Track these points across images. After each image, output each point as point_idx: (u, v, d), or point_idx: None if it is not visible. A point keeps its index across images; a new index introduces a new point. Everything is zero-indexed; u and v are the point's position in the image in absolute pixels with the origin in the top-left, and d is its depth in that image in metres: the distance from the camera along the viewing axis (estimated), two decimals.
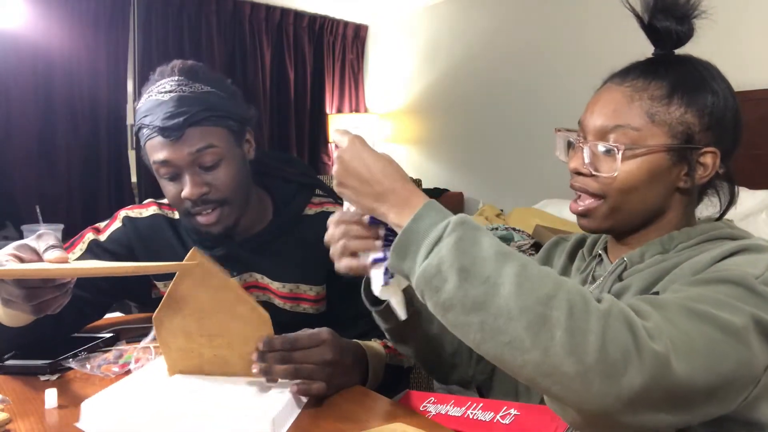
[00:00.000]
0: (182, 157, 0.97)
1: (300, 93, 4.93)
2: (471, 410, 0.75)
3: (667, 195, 0.76)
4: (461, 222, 0.59)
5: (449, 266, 0.56)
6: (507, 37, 4.08)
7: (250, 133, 1.09)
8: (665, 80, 0.74)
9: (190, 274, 0.77)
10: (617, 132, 0.73)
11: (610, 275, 0.78)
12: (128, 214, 1.14)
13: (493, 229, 2.79)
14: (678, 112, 0.73)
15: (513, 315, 0.53)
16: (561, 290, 0.55)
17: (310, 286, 1.10)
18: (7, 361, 0.90)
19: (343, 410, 0.77)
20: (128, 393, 0.77)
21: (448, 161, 4.58)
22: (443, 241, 0.58)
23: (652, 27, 0.77)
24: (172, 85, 0.99)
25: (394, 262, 0.62)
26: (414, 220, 0.61)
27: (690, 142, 0.73)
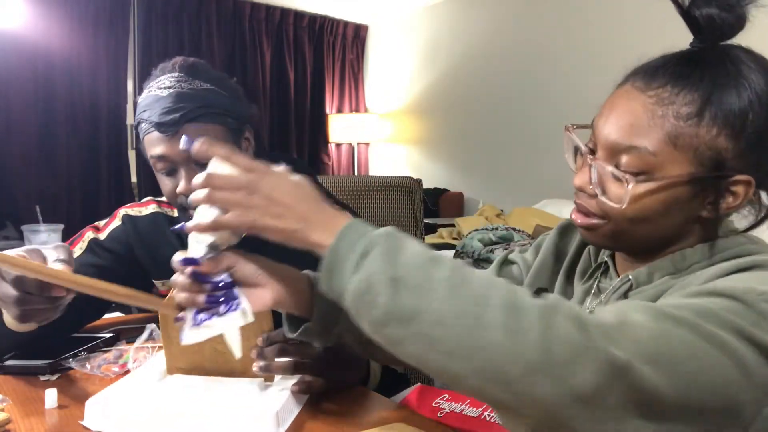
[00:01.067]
0: (178, 152, 0.98)
1: (300, 93, 4.93)
2: (488, 412, 0.71)
3: (685, 224, 0.66)
4: (386, 233, 0.56)
5: (379, 278, 0.53)
6: (507, 37, 4.08)
7: (249, 131, 1.09)
8: (698, 90, 0.61)
9: None
10: (631, 154, 0.62)
11: (614, 292, 0.70)
12: (128, 212, 1.14)
13: (493, 229, 2.79)
14: (708, 134, 0.60)
15: (448, 322, 0.50)
16: (494, 289, 0.52)
17: None
18: (7, 361, 0.90)
19: (343, 410, 0.77)
20: (132, 391, 0.78)
21: (448, 161, 4.58)
22: (370, 254, 0.54)
23: (691, 15, 0.64)
24: (172, 81, 1.00)
25: (325, 284, 0.58)
26: (339, 238, 0.57)
27: (719, 170, 0.61)
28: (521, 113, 3.92)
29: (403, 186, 1.51)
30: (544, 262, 0.83)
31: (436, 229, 3.61)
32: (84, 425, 0.72)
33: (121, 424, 0.71)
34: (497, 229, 2.80)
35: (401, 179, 1.52)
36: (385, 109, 5.11)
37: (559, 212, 3.15)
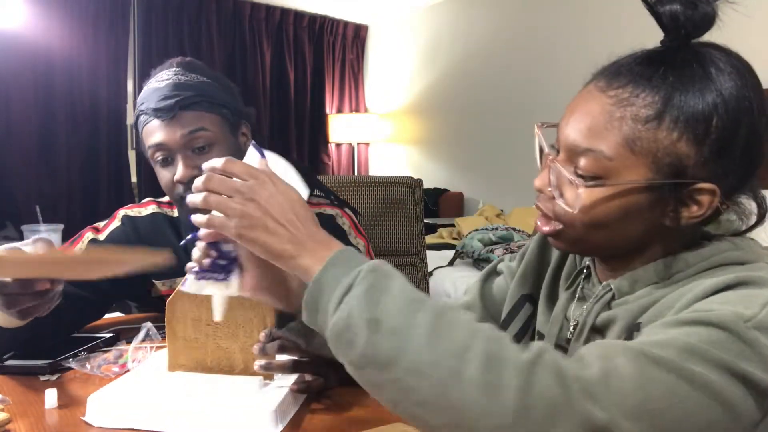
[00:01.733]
0: (175, 139, 1.00)
1: (300, 93, 4.93)
2: None
3: (647, 231, 0.62)
4: (373, 269, 0.53)
5: (358, 318, 0.50)
6: (507, 37, 4.08)
7: (246, 127, 1.11)
8: (660, 92, 0.58)
9: None
10: (588, 157, 0.60)
11: (597, 301, 0.67)
12: (127, 213, 1.15)
13: (494, 229, 2.79)
14: (668, 139, 0.57)
15: (424, 371, 0.47)
16: (476, 340, 0.48)
17: None
18: (7, 361, 0.90)
19: (342, 410, 0.77)
20: (133, 387, 0.79)
21: (448, 161, 4.58)
22: (353, 291, 0.52)
23: (657, 12, 0.62)
24: (169, 74, 1.04)
25: (308, 317, 0.56)
26: (325, 269, 0.54)
27: (680, 177, 0.58)
28: (521, 113, 3.92)
29: (403, 186, 1.51)
30: (528, 266, 0.81)
31: (436, 229, 3.61)
32: (85, 421, 0.73)
33: (122, 419, 0.72)
34: (497, 229, 2.80)
35: (401, 179, 1.52)
36: (385, 109, 5.11)
37: None
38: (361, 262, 0.54)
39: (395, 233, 1.49)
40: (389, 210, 1.50)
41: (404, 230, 1.49)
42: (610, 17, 3.38)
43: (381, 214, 1.49)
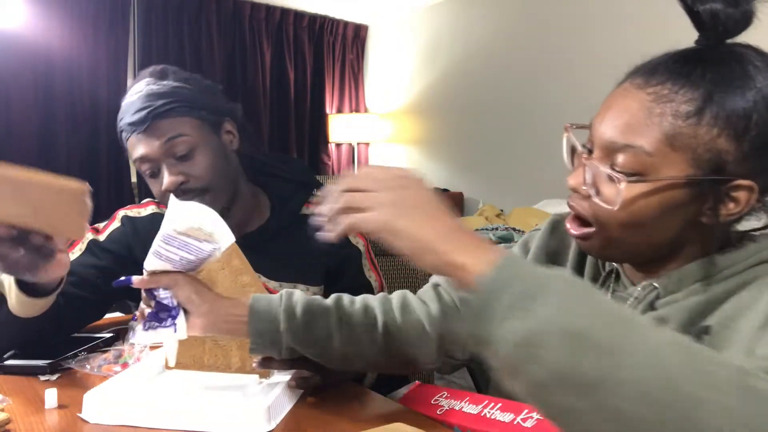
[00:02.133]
0: (154, 149, 1.00)
1: (300, 93, 4.93)
2: (488, 409, 0.71)
3: (683, 229, 0.62)
4: (562, 276, 0.48)
5: (551, 330, 0.43)
6: (507, 37, 4.08)
7: (231, 123, 1.10)
8: (699, 88, 0.58)
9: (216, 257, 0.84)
10: (626, 153, 0.59)
11: (640, 303, 0.65)
12: (127, 213, 1.15)
13: (493, 229, 2.79)
14: (708, 135, 0.57)
15: (654, 397, 0.41)
16: (716, 366, 0.43)
17: (307, 287, 1.10)
18: (7, 361, 0.90)
19: (341, 409, 0.77)
20: (129, 385, 0.80)
21: (448, 161, 4.58)
22: (539, 298, 0.45)
23: (695, 11, 0.61)
24: (142, 86, 1.03)
25: (470, 323, 0.49)
26: (498, 270, 0.47)
27: (719, 173, 0.58)
28: (521, 113, 3.92)
29: None
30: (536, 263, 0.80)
31: None
32: (82, 417, 0.73)
33: (119, 416, 0.72)
34: (497, 229, 2.80)
35: None
36: (385, 109, 5.11)
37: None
38: (538, 270, 0.48)
39: None
40: None
41: None
42: (610, 17, 3.37)
43: None
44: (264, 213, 1.14)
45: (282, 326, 0.74)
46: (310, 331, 0.75)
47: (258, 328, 0.75)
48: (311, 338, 0.76)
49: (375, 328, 0.78)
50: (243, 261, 0.86)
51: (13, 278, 0.85)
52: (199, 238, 0.71)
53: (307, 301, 0.77)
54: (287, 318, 0.75)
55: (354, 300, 0.81)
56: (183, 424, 0.71)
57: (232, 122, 1.10)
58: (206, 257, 0.74)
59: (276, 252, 1.10)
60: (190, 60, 4.31)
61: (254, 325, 0.75)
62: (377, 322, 0.78)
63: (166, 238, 0.71)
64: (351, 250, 1.14)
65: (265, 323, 0.75)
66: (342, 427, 0.71)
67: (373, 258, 1.17)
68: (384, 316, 0.79)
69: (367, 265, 1.15)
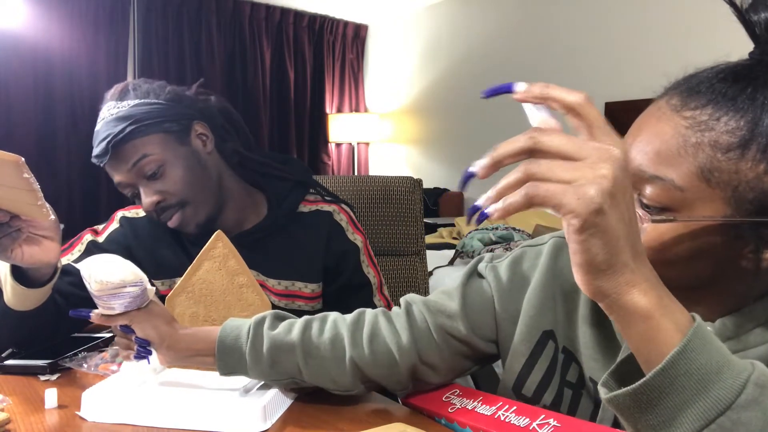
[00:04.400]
0: (125, 175, 1.01)
1: (300, 93, 4.93)
2: (503, 411, 0.68)
3: (719, 268, 0.54)
4: (762, 382, 0.42)
5: None
6: (507, 37, 4.08)
7: (201, 125, 1.07)
8: (745, 115, 0.49)
9: (212, 257, 0.85)
10: (655, 185, 0.52)
11: None
12: (125, 214, 1.15)
13: (494, 229, 2.79)
14: (752, 172, 0.49)
15: None
16: None
17: (306, 284, 1.10)
18: (7, 361, 0.90)
19: (341, 409, 0.77)
20: (127, 384, 0.80)
21: (448, 161, 4.58)
22: (741, 410, 0.40)
23: (749, 20, 0.54)
24: (104, 113, 1.04)
25: (631, 411, 0.44)
26: (684, 353, 0.41)
27: (764, 215, 0.50)
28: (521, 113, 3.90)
29: (403, 186, 1.51)
30: (544, 300, 0.71)
31: (436, 228, 3.61)
32: (80, 415, 0.74)
33: (116, 415, 0.73)
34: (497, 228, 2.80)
35: (401, 179, 1.52)
36: (385, 109, 5.11)
37: None
38: (727, 354, 0.42)
39: (395, 233, 1.49)
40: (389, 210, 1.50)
41: (404, 230, 1.49)
42: (610, 16, 3.37)
43: (381, 213, 1.49)
44: (261, 211, 1.13)
45: (248, 364, 0.75)
46: (276, 369, 0.75)
47: (227, 363, 0.75)
48: (279, 374, 0.76)
49: (342, 362, 0.75)
50: (239, 262, 0.86)
51: (8, 268, 0.86)
52: (118, 286, 0.71)
53: (273, 338, 0.75)
54: (252, 359, 0.75)
55: (323, 329, 0.76)
56: (179, 422, 0.71)
57: (202, 123, 1.07)
58: (140, 294, 0.74)
59: (273, 250, 1.10)
60: (190, 60, 4.31)
61: (223, 361, 0.75)
62: (345, 354, 0.75)
63: (93, 297, 0.74)
64: (349, 247, 1.13)
65: (232, 361, 0.75)
66: (342, 427, 0.71)
67: (372, 255, 1.17)
68: (352, 349, 0.75)
69: (365, 262, 1.14)
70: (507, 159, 0.45)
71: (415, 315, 0.77)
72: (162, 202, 1.01)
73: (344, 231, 1.13)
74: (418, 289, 1.50)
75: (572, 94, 0.45)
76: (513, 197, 0.43)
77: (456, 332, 0.75)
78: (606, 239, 0.41)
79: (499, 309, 0.75)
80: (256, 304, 0.87)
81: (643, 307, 0.43)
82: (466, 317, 0.75)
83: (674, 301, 0.45)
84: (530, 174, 0.43)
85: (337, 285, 1.12)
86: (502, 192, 0.43)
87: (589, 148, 0.42)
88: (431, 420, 0.73)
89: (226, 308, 0.86)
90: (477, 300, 0.76)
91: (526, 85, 0.47)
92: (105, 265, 0.71)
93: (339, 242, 1.11)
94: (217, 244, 0.85)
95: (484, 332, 0.75)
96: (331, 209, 1.14)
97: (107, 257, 0.73)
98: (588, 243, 0.42)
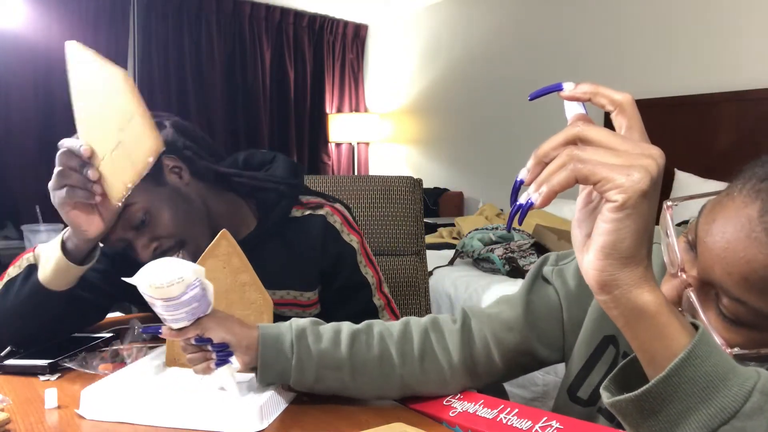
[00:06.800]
0: (116, 231, 0.95)
1: (300, 93, 4.93)
2: (504, 414, 0.68)
3: None
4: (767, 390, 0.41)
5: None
6: (507, 37, 4.08)
7: (170, 159, 1.00)
8: None
9: (216, 255, 0.85)
10: (738, 304, 0.49)
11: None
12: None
13: (494, 229, 2.79)
14: None
15: None
16: None
17: (301, 292, 1.08)
18: (7, 361, 0.90)
19: (341, 409, 0.77)
20: (125, 383, 0.80)
21: (448, 161, 4.58)
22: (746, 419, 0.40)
23: None
24: None
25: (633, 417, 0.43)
26: (694, 359, 0.41)
27: None
28: (521, 113, 3.92)
29: (403, 186, 1.51)
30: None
31: (436, 228, 3.61)
32: (78, 414, 0.74)
33: (114, 413, 0.73)
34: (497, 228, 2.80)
35: (401, 179, 1.52)
36: (385, 109, 5.12)
37: (560, 211, 3.15)
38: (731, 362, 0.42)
39: (395, 233, 1.49)
40: (389, 209, 1.50)
41: (404, 230, 1.49)
42: (610, 16, 3.37)
43: (381, 213, 1.49)
44: (250, 222, 1.10)
45: (293, 379, 0.73)
46: (322, 383, 0.74)
47: (267, 375, 0.74)
48: (323, 389, 0.74)
49: (392, 378, 0.74)
50: (243, 260, 0.86)
51: (59, 242, 0.90)
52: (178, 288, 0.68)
53: (321, 354, 0.72)
54: (298, 373, 0.73)
55: (371, 344, 0.75)
56: (176, 421, 0.72)
57: (170, 156, 1.00)
58: (203, 295, 0.72)
59: (267, 259, 1.06)
60: (190, 60, 4.31)
61: (264, 374, 0.73)
62: (394, 371, 0.74)
63: (158, 312, 0.70)
64: (344, 249, 1.10)
65: (274, 374, 0.74)
66: (341, 427, 0.71)
67: (369, 253, 1.15)
68: (402, 367, 0.74)
69: (363, 261, 1.13)
70: (552, 152, 0.44)
71: (474, 331, 0.75)
72: (159, 247, 0.97)
73: (339, 233, 1.11)
74: (418, 288, 1.50)
75: (620, 93, 0.45)
76: (557, 176, 0.42)
77: (519, 346, 0.73)
78: (638, 226, 0.41)
79: (567, 317, 0.72)
80: (258, 302, 0.87)
81: (652, 303, 0.42)
82: (531, 328, 0.73)
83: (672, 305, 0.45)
84: (574, 156, 0.42)
85: (335, 287, 1.11)
86: (544, 179, 0.43)
87: (630, 142, 0.42)
88: (431, 420, 0.73)
89: (228, 306, 0.86)
90: (543, 308, 0.74)
91: (573, 84, 0.48)
92: (161, 268, 0.68)
93: (334, 245, 1.09)
94: (221, 242, 0.85)
95: (551, 341, 0.73)
96: (324, 211, 1.11)
97: (162, 261, 0.69)
98: (622, 223, 0.41)
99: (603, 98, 0.46)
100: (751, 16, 2.79)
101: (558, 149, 0.43)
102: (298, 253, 1.08)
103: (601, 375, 0.69)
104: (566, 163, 0.42)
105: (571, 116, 0.48)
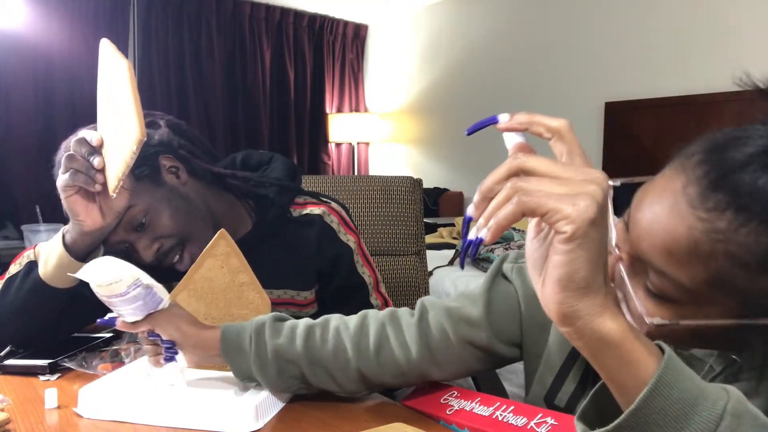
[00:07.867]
0: (117, 234, 0.95)
1: (300, 93, 4.93)
2: (500, 411, 0.69)
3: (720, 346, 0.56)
4: (736, 411, 0.41)
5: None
6: (507, 37, 4.08)
7: (167, 158, 1.00)
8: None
9: (214, 255, 0.85)
10: (662, 278, 0.50)
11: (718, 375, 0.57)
12: None
13: None
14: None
15: None
16: None
17: (298, 291, 1.08)
18: (7, 361, 0.90)
19: (340, 408, 0.77)
20: (122, 382, 0.81)
21: (448, 161, 4.58)
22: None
23: None
24: None
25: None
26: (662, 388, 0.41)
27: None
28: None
29: (403, 186, 1.51)
30: None
31: (436, 228, 3.61)
32: (76, 412, 0.74)
33: (112, 412, 0.74)
34: None
35: (401, 179, 1.52)
36: (385, 109, 5.11)
37: None
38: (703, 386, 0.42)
39: (395, 233, 1.49)
40: (389, 209, 1.50)
41: (404, 230, 1.49)
42: (610, 16, 3.37)
43: (381, 213, 1.49)
44: (247, 222, 1.10)
45: (255, 372, 0.75)
46: (283, 377, 0.75)
47: (240, 368, 0.76)
48: (286, 382, 0.76)
49: (348, 371, 0.75)
50: (241, 260, 0.86)
51: (60, 238, 0.91)
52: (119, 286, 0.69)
53: (276, 348, 0.75)
54: (258, 367, 0.75)
55: (326, 338, 0.76)
56: (173, 420, 0.72)
57: (167, 156, 1.00)
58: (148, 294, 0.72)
59: (264, 259, 1.05)
60: (190, 60, 4.31)
61: (235, 366, 0.76)
62: (350, 365, 0.75)
63: (109, 303, 0.72)
64: (341, 249, 1.10)
65: (239, 370, 0.76)
66: (341, 427, 0.71)
67: (366, 253, 1.15)
68: (358, 360, 0.75)
69: (360, 262, 1.12)
70: (496, 186, 0.44)
71: (431, 324, 0.75)
72: (161, 247, 0.97)
73: (336, 233, 1.10)
74: (418, 288, 1.50)
75: (556, 120, 0.47)
76: (504, 210, 0.42)
77: (478, 340, 0.73)
78: (590, 255, 0.41)
79: (526, 315, 0.73)
80: (257, 302, 0.87)
81: (615, 331, 0.42)
82: (490, 325, 0.73)
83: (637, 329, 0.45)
84: (519, 188, 0.42)
85: (332, 288, 1.11)
86: (491, 213, 0.43)
87: (573, 169, 0.42)
88: (430, 419, 0.73)
89: (226, 306, 0.86)
90: (502, 305, 0.74)
91: (508, 115, 0.49)
92: (100, 268, 0.69)
93: (331, 246, 1.09)
94: (219, 242, 0.85)
95: (508, 337, 0.74)
96: (321, 211, 1.11)
97: (102, 260, 0.71)
98: (575, 254, 0.41)
99: (539, 126, 0.47)
100: (751, 16, 2.79)
101: (501, 183, 0.44)
102: (295, 253, 1.08)
103: (576, 382, 0.69)
104: (511, 197, 0.42)
105: (510, 146, 0.49)
